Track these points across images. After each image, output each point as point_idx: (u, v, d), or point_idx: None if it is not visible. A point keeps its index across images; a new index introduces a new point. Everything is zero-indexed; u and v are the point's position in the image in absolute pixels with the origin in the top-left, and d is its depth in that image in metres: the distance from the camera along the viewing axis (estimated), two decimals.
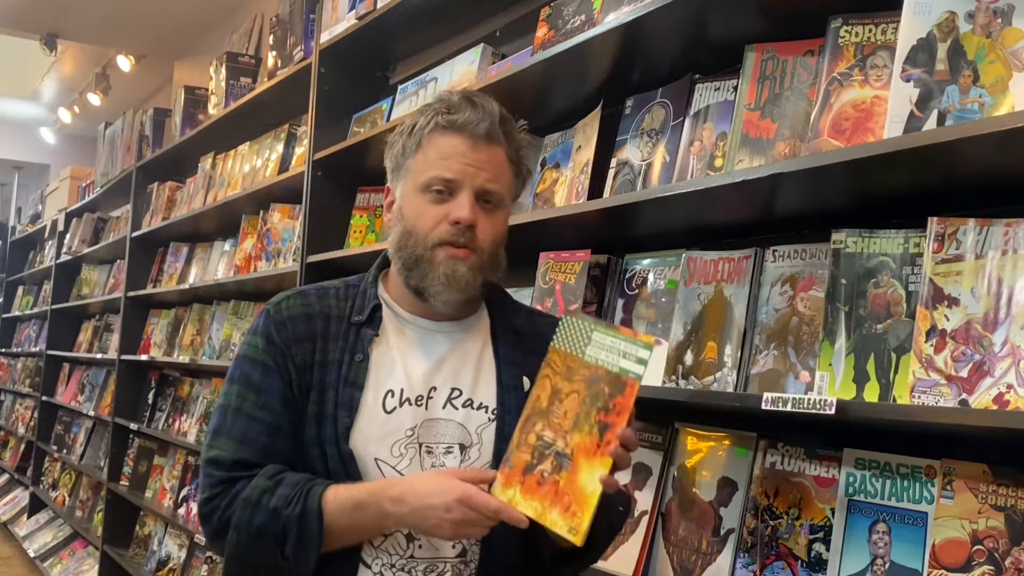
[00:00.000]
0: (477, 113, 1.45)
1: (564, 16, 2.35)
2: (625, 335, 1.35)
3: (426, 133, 1.47)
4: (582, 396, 1.35)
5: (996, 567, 1.39)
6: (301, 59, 3.60)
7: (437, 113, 1.47)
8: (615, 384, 1.33)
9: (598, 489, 1.29)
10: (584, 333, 1.38)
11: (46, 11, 6.64)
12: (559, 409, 1.36)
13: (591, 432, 1.32)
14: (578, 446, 1.32)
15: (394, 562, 1.43)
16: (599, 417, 1.32)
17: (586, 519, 1.28)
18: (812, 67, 1.77)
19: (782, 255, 1.81)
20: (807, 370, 1.69)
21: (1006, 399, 1.37)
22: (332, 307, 1.53)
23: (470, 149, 1.45)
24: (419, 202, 1.47)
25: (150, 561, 4.88)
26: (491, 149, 1.46)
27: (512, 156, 1.51)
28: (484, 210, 1.46)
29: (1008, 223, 1.43)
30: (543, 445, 1.35)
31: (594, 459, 1.31)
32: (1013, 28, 1.42)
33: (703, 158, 1.95)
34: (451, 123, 1.45)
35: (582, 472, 1.31)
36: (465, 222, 1.42)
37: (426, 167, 1.46)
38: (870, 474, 1.60)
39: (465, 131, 1.45)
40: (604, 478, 1.28)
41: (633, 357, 1.33)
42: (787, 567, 1.69)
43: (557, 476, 1.32)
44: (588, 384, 1.35)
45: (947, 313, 1.46)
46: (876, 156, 1.45)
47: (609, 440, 1.30)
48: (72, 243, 7.22)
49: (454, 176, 1.44)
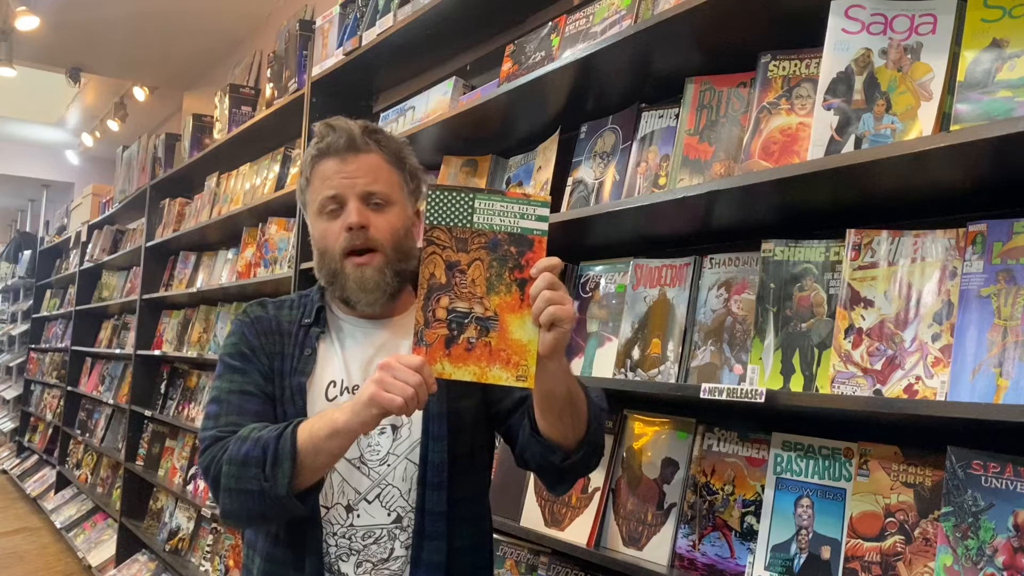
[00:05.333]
0: (336, 134, 1.44)
1: (526, 52, 2.32)
2: (516, 198, 1.22)
3: (310, 167, 1.47)
4: (487, 262, 1.21)
5: (906, 536, 1.39)
6: (295, 90, 3.56)
7: (313, 147, 1.47)
8: (521, 243, 1.21)
9: (535, 335, 1.19)
10: (464, 204, 1.22)
11: (71, 48, 6.61)
12: (464, 280, 1.21)
13: (509, 291, 1.20)
14: (500, 306, 1.20)
15: (336, 531, 1.40)
16: (515, 275, 1.20)
17: (532, 364, 1.19)
18: (744, 97, 1.75)
19: (718, 262, 1.79)
20: (740, 364, 1.67)
21: (915, 389, 1.35)
22: (286, 314, 1.54)
23: (341, 165, 1.44)
24: (321, 224, 1.46)
25: (162, 532, 4.81)
26: (360, 158, 1.44)
27: (388, 157, 1.47)
28: (375, 210, 1.44)
29: (917, 234, 1.41)
30: (459, 316, 1.21)
31: (521, 313, 1.19)
32: (921, 63, 1.40)
33: (649, 177, 1.92)
34: (320, 151, 1.45)
35: (512, 327, 1.19)
36: (356, 225, 1.41)
37: (316, 194, 1.46)
38: (796, 455, 1.58)
39: (331, 152, 1.44)
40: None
41: (533, 216, 1.21)
42: (722, 537, 1.67)
43: (486, 338, 1.20)
44: (489, 250, 1.21)
45: (863, 313, 1.44)
46: (800, 175, 1.44)
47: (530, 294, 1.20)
48: (94, 252, 7.18)
49: (335, 191, 1.43)
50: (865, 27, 1.47)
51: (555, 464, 1.38)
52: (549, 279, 1.19)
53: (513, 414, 1.47)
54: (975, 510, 1.28)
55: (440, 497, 1.40)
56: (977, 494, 1.28)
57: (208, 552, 4.17)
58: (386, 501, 1.41)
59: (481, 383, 1.21)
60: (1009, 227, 1.29)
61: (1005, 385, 1.23)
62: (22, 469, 8.92)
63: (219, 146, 4.45)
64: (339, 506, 1.41)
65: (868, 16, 1.47)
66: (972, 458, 1.30)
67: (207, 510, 4.09)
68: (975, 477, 1.29)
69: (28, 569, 5.76)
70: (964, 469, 1.30)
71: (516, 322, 1.20)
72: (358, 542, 1.40)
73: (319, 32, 3.43)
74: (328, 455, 1.29)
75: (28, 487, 8.15)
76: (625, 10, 1.98)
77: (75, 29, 6.11)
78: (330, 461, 1.32)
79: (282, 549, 1.42)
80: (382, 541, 1.40)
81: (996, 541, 1.24)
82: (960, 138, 1.21)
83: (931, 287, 1.37)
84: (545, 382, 1.26)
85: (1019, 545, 1.22)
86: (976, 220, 1.33)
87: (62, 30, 6.11)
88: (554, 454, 1.36)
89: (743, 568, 1.61)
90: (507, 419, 1.49)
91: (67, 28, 6.08)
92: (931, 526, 1.36)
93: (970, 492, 1.29)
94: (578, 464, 1.38)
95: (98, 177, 9.53)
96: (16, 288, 11.30)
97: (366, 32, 2.97)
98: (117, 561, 5.26)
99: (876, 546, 1.41)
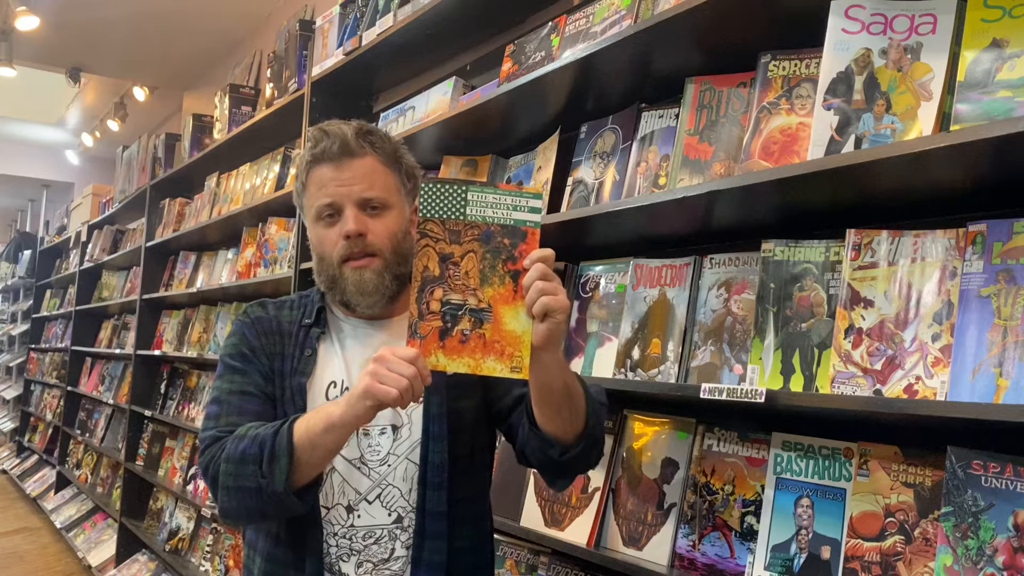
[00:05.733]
0: (329, 140, 1.43)
1: (526, 52, 2.32)
2: (509, 190, 1.22)
3: (305, 173, 1.47)
4: (480, 254, 1.21)
5: (906, 536, 1.38)
6: (295, 90, 3.55)
7: (307, 152, 1.46)
8: (514, 235, 1.20)
9: (529, 326, 1.19)
10: (457, 196, 1.22)
11: (71, 48, 6.60)
12: (458, 272, 1.21)
13: (503, 283, 1.20)
14: (494, 298, 1.20)
15: (336, 531, 1.40)
16: (508, 267, 1.20)
17: (526, 354, 1.19)
18: (744, 97, 1.75)
19: (718, 262, 1.78)
20: (740, 364, 1.67)
21: (915, 389, 1.35)
22: (286, 315, 1.54)
23: (336, 171, 1.42)
24: (318, 231, 1.46)
25: (162, 531, 4.81)
26: (355, 163, 1.43)
27: (384, 159, 1.46)
28: (372, 216, 1.43)
29: (917, 234, 1.41)
30: (453, 308, 1.21)
31: (515, 304, 1.19)
32: (921, 63, 1.40)
33: (648, 177, 1.92)
34: (315, 157, 1.44)
35: (506, 319, 1.19)
36: (353, 233, 1.40)
37: (312, 200, 1.45)
38: (795, 455, 1.58)
39: (325, 158, 1.43)
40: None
41: (526, 208, 1.20)
42: (722, 537, 1.67)
43: (480, 330, 1.20)
44: (482, 242, 1.21)
45: (863, 313, 1.44)
46: (800, 175, 1.44)
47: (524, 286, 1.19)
48: (94, 252, 7.18)
49: (331, 199, 1.42)
50: (865, 27, 1.47)
51: (554, 459, 1.37)
52: (542, 270, 1.18)
53: (513, 412, 1.47)
54: (975, 510, 1.28)
55: (441, 497, 1.41)
56: (977, 494, 1.28)
57: (208, 552, 4.17)
58: (387, 501, 1.42)
59: (477, 375, 1.21)
60: (1009, 227, 1.29)
61: (1005, 385, 1.23)
62: (22, 469, 8.91)
63: (219, 146, 4.45)
64: (339, 506, 1.41)
65: (868, 16, 1.47)
66: (972, 458, 1.30)
67: (207, 510, 4.09)
68: (975, 477, 1.29)
69: (28, 569, 5.76)
70: (964, 469, 1.30)
71: (510, 313, 1.20)
72: (359, 542, 1.40)
73: (319, 32, 3.43)
74: (324, 450, 1.29)
75: (28, 487, 8.15)
76: (625, 10, 1.98)
77: (75, 29, 6.11)
78: (327, 456, 1.32)
79: (283, 549, 1.42)
80: (383, 541, 1.40)
81: (996, 541, 1.24)
82: (960, 138, 1.21)
83: (931, 287, 1.37)
84: (541, 374, 1.26)
85: (1019, 545, 1.22)
86: (976, 220, 1.33)
87: (62, 30, 6.11)
88: (553, 448, 1.36)
89: (743, 568, 1.61)
90: (508, 417, 1.49)
91: (67, 28, 6.08)
92: (931, 526, 1.36)
93: (970, 492, 1.29)
94: (577, 458, 1.38)
95: (98, 177, 9.53)
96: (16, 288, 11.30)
97: (366, 32, 2.97)
98: (117, 561, 5.26)
99: (876, 546, 1.41)
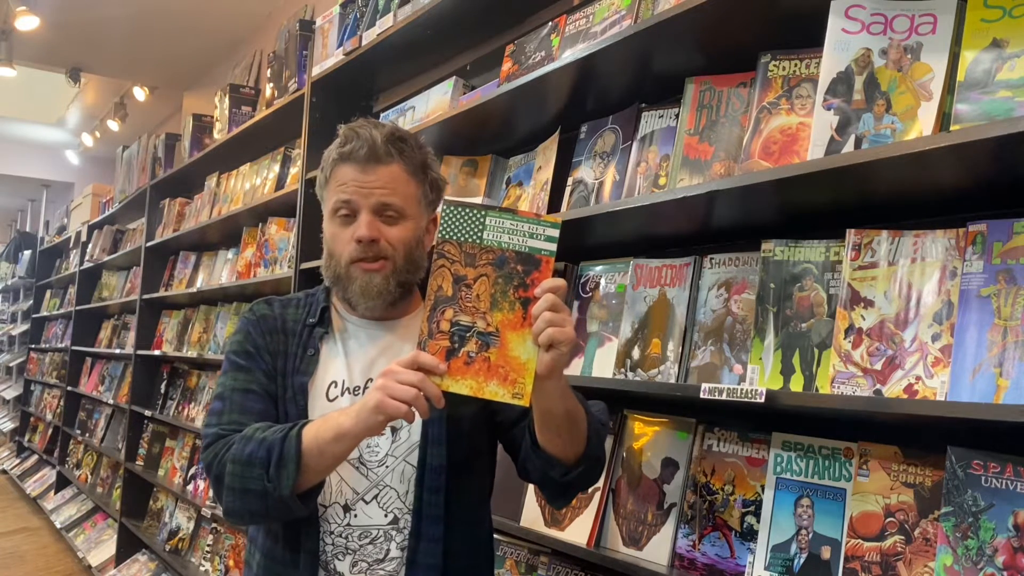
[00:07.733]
0: (358, 141, 1.42)
1: (526, 52, 2.32)
2: (528, 217, 1.23)
3: (330, 166, 1.46)
4: (492, 278, 1.21)
5: (906, 536, 1.38)
6: (295, 90, 3.55)
7: (336, 148, 1.46)
8: (528, 262, 1.21)
9: (534, 354, 1.19)
10: (475, 220, 1.23)
11: (71, 48, 6.60)
12: (469, 294, 1.22)
13: (512, 309, 1.20)
14: (502, 323, 1.20)
15: (332, 529, 1.41)
16: (519, 294, 1.21)
17: (528, 382, 1.19)
18: (744, 97, 1.75)
19: (718, 262, 1.78)
20: (740, 364, 1.67)
21: (915, 389, 1.35)
22: (291, 313, 1.54)
23: (360, 173, 1.42)
24: (333, 227, 1.46)
25: (162, 532, 4.81)
26: (381, 168, 1.42)
27: (410, 168, 1.45)
28: (387, 222, 1.42)
29: (917, 234, 1.41)
30: (461, 329, 1.21)
31: (522, 331, 1.20)
32: (921, 63, 1.40)
33: (648, 177, 1.92)
34: (342, 155, 1.44)
35: (512, 345, 1.20)
36: (365, 239, 1.40)
37: (331, 195, 1.45)
38: (795, 455, 1.58)
39: (352, 159, 1.42)
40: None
41: (542, 236, 1.22)
42: (722, 537, 1.67)
43: (486, 353, 1.20)
44: (496, 267, 1.22)
45: (863, 313, 1.44)
46: (800, 175, 1.44)
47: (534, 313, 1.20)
48: (94, 252, 7.17)
49: (349, 197, 1.41)
50: (865, 27, 1.47)
51: (555, 478, 1.39)
52: (552, 300, 1.19)
53: (515, 426, 1.48)
54: (975, 510, 1.27)
55: (437, 500, 1.41)
56: (977, 494, 1.28)
57: (208, 552, 4.17)
58: (383, 502, 1.42)
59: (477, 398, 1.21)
60: (1009, 227, 1.29)
61: (1005, 385, 1.23)
62: (22, 469, 8.92)
63: (219, 146, 4.44)
64: (336, 505, 1.42)
65: (868, 16, 1.47)
66: (972, 458, 1.30)
67: (207, 510, 4.09)
68: (975, 477, 1.29)
69: (28, 569, 5.76)
70: (964, 469, 1.30)
71: (516, 340, 1.20)
72: (354, 542, 1.41)
73: (319, 32, 3.43)
74: (332, 458, 1.30)
75: (28, 487, 8.15)
76: (625, 10, 1.98)
77: (75, 29, 6.11)
78: (333, 464, 1.33)
79: (280, 546, 1.43)
80: (378, 542, 1.41)
81: (996, 541, 1.24)
82: (960, 138, 1.21)
83: (931, 287, 1.37)
84: (543, 401, 1.28)
85: (1019, 545, 1.22)
86: (976, 220, 1.33)
87: (62, 30, 6.11)
88: (554, 468, 1.38)
89: (743, 568, 1.61)
90: (510, 430, 1.50)
91: (67, 28, 6.08)
92: (931, 526, 1.36)
93: (970, 492, 1.29)
94: (578, 479, 1.39)
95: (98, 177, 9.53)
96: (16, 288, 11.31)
97: (366, 32, 2.97)
98: (117, 561, 5.26)
99: (876, 546, 1.41)
